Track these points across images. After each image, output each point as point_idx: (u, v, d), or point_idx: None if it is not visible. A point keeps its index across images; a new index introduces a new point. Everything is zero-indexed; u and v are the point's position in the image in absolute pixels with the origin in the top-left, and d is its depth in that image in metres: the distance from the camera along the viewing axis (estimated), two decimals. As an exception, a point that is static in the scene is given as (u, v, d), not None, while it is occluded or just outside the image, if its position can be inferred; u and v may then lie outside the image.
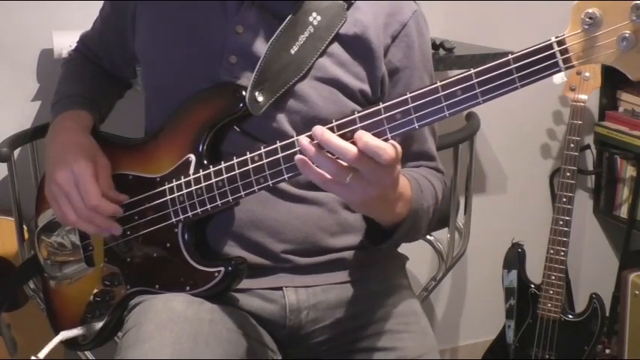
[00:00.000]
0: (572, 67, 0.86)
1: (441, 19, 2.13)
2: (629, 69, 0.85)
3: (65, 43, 1.72)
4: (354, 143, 0.92)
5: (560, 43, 0.85)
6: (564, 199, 1.93)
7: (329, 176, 0.93)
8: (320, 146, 0.93)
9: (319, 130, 0.93)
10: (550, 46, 0.86)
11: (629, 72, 0.85)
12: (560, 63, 0.86)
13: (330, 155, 0.92)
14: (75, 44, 1.64)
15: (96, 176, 1.14)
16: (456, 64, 1.88)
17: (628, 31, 0.82)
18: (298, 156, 0.94)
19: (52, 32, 1.76)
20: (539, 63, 0.86)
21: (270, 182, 1.03)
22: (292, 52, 1.12)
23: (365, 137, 0.91)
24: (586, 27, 0.84)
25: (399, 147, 0.93)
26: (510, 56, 0.87)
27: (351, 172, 0.92)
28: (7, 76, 1.85)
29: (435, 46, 1.91)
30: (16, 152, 1.67)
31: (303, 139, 0.94)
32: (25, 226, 1.66)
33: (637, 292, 2.13)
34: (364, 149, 0.90)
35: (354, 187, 0.93)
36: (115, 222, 1.15)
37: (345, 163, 0.92)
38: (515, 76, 0.87)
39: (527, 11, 2.20)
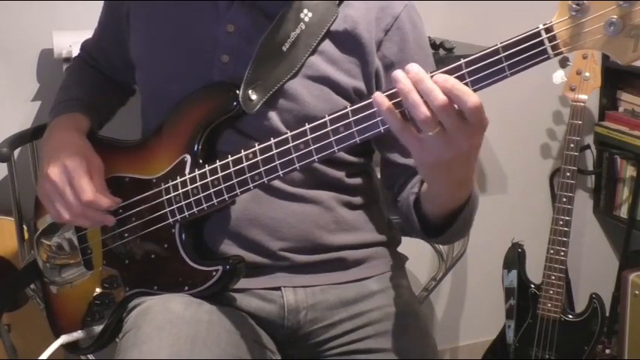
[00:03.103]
0: (561, 53, 0.86)
1: (441, 19, 2.13)
2: (617, 54, 0.85)
3: (65, 43, 1.72)
4: None
5: (547, 30, 0.86)
6: (564, 199, 1.93)
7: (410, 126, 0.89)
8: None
9: (415, 66, 0.88)
10: (538, 34, 0.86)
11: (618, 57, 0.85)
12: (549, 50, 0.86)
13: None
14: (75, 44, 1.65)
15: (89, 174, 1.14)
16: (456, 65, 1.88)
17: (615, 16, 0.83)
18: (377, 93, 0.90)
19: (52, 32, 1.76)
20: (528, 51, 0.86)
21: (265, 179, 1.03)
22: (284, 49, 1.12)
23: (451, 80, 0.87)
24: (573, 14, 0.84)
25: (484, 112, 0.88)
26: (499, 45, 0.87)
27: (438, 125, 0.87)
28: (7, 76, 1.85)
29: (435, 46, 1.91)
30: (16, 152, 1.67)
31: (399, 72, 0.88)
32: (25, 226, 1.67)
33: (637, 292, 2.13)
34: (450, 92, 0.85)
35: (431, 144, 0.89)
36: (109, 215, 1.15)
37: (434, 115, 0.87)
38: (505, 64, 0.87)
39: (528, 11, 2.20)
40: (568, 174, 1.92)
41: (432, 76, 0.88)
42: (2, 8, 1.81)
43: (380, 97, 0.90)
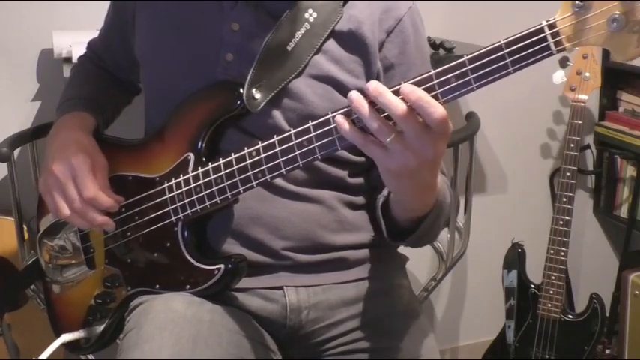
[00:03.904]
0: (564, 50, 0.86)
1: (441, 19, 2.13)
2: (619, 50, 0.85)
3: (65, 43, 1.72)
4: None
5: (551, 26, 0.86)
6: (564, 199, 1.93)
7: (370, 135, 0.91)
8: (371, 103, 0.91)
9: (374, 82, 0.91)
10: (541, 30, 0.86)
11: (620, 53, 0.86)
12: (552, 46, 0.86)
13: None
14: (75, 44, 1.65)
15: (93, 172, 1.14)
16: (456, 64, 1.88)
17: (617, 12, 0.83)
18: (340, 115, 0.94)
19: (52, 32, 1.76)
20: (531, 47, 0.86)
21: (267, 177, 1.03)
22: (288, 48, 1.12)
23: (418, 91, 0.89)
24: (576, 10, 0.85)
25: (450, 123, 0.90)
26: (502, 41, 0.87)
27: (394, 132, 0.90)
28: (7, 76, 1.85)
29: (435, 46, 1.92)
30: (16, 152, 1.67)
31: (354, 92, 0.92)
32: (25, 226, 1.67)
33: (637, 292, 2.13)
34: (416, 103, 0.88)
35: (394, 152, 0.90)
36: (109, 218, 1.15)
37: (390, 123, 0.90)
38: (508, 60, 0.87)
39: (528, 11, 2.20)
40: (568, 174, 1.92)
41: (399, 88, 0.90)
42: (2, 8, 1.81)
43: (341, 118, 0.93)
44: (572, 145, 1.93)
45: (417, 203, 1.05)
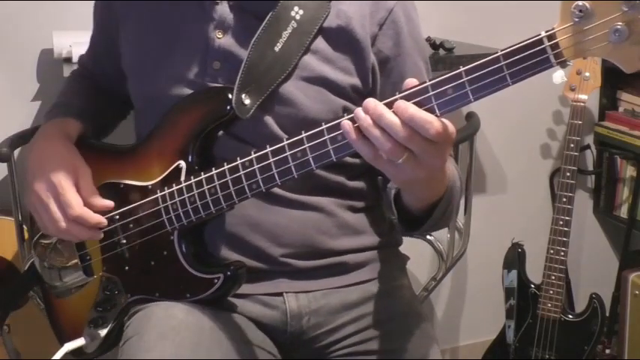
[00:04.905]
0: (564, 62, 0.83)
1: (441, 19, 2.13)
2: (622, 62, 0.82)
3: (65, 43, 1.72)
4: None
5: (550, 37, 0.82)
6: (564, 199, 1.93)
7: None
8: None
9: (372, 102, 0.89)
10: (540, 41, 0.83)
11: (623, 65, 0.82)
12: (552, 58, 0.83)
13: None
14: (75, 44, 1.64)
15: (77, 185, 1.12)
16: (456, 64, 1.86)
17: (620, 23, 0.79)
18: (345, 121, 0.90)
19: (52, 32, 1.76)
20: (530, 59, 0.83)
21: (262, 188, 1.01)
22: (276, 49, 1.09)
23: (410, 109, 0.86)
24: (576, 20, 0.81)
25: (451, 126, 0.88)
26: (500, 52, 0.85)
27: (406, 152, 0.88)
28: (7, 76, 1.85)
29: (435, 46, 1.91)
30: (16, 152, 1.66)
31: (359, 111, 0.89)
32: (25, 226, 1.66)
33: (637, 292, 2.13)
34: (410, 122, 0.86)
35: (404, 167, 0.89)
36: (97, 230, 1.14)
37: (401, 144, 0.87)
38: (506, 73, 0.84)
39: (528, 10, 2.20)
40: (568, 174, 1.92)
41: (394, 102, 0.88)
42: (2, 8, 1.80)
43: (348, 126, 0.91)
44: (572, 145, 1.93)
45: (427, 195, 1.04)
